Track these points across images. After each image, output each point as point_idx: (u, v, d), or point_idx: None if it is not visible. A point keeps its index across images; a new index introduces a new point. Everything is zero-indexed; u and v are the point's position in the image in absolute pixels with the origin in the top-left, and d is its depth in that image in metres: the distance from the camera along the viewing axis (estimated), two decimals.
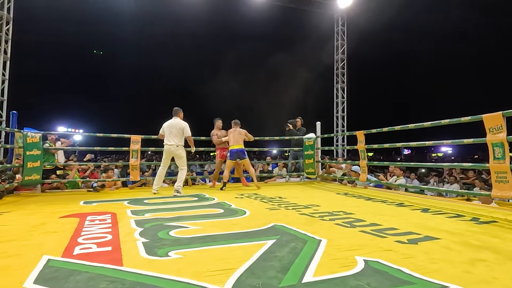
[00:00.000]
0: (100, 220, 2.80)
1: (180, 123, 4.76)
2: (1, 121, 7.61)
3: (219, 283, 1.37)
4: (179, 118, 4.82)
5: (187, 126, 4.78)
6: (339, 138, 10.72)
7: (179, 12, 14.10)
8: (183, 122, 4.79)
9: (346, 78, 11.00)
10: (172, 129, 4.72)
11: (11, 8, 7.74)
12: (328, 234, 2.23)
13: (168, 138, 4.71)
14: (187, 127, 4.78)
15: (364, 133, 5.07)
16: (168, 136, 4.71)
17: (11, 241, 2.13)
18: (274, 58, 21.76)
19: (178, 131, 4.71)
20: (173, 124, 4.75)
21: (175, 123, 4.76)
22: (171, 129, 4.72)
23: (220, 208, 3.42)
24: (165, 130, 4.75)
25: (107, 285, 1.37)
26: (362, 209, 3.32)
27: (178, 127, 4.72)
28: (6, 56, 7.69)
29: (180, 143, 4.74)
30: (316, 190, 5.42)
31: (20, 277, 1.46)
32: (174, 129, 4.72)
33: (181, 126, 4.73)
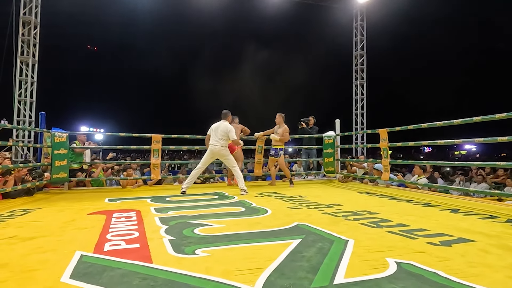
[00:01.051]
0: (126, 218, 2.86)
1: (227, 126, 4.76)
2: (31, 122, 7.98)
3: (249, 283, 1.36)
4: (227, 121, 4.86)
5: (232, 131, 4.77)
6: (359, 136, 10.49)
7: (197, 11, 14.24)
8: (229, 126, 4.79)
9: (365, 74, 10.75)
10: (218, 131, 4.76)
11: (38, 13, 8.09)
12: (354, 234, 2.18)
13: (213, 140, 4.76)
14: (232, 132, 4.76)
15: (388, 131, 4.92)
16: (213, 138, 4.77)
17: (45, 236, 2.22)
18: (291, 56, 21.61)
19: (223, 134, 4.73)
20: (219, 127, 4.79)
21: (222, 125, 4.79)
22: (216, 131, 4.78)
23: (241, 207, 3.42)
24: (212, 132, 4.85)
25: (139, 282, 1.39)
26: (387, 209, 3.23)
27: (224, 130, 4.73)
28: (34, 59, 8.05)
29: (225, 145, 4.77)
30: (337, 189, 5.32)
31: (57, 272, 1.52)
32: (219, 131, 4.75)
33: (226, 130, 4.73)
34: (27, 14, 7.88)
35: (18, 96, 7.80)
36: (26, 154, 7.79)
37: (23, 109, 7.88)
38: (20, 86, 7.87)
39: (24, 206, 3.62)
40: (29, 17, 7.88)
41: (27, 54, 7.92)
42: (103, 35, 18.91)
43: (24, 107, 7.89)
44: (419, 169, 5.18)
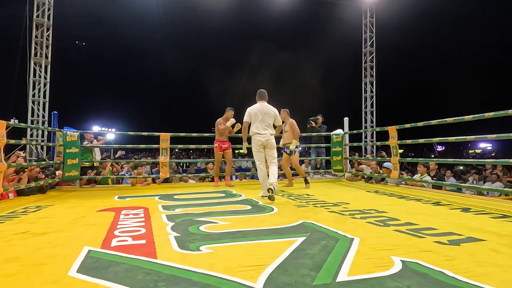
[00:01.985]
0: (134, 215, 2.91)
1: (272, 108, 3.96)
2: (44, 121, 8.19)
3: (251, 279, 1.36)
4: (266, 102, 4.02)
5: (278, 113, 4.04)
6: (368, 134, 10.35)
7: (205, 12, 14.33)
8: (274, 108, 4.01)
9: (375, 71, 10.59)
10: (265, 116, 3.85)
11: (51, 15, 8.29)
12: (360, 232, 2.15)
13: (259, 127, 3.84)
14: (279, 115, 4.04)
15: (397, 128, 4.83)
16: (259, 125, 3.84)
17: (56, 232, 2.28)
18: (299, 54, 21.49)
19: (271, 118, 3.91)
20: (264, 110, 3.88)
21: (267, 108, 3.91)
22: (263, 115, 3.85)
23: (248, 205, 3.43)
24: (254, 117, 3.89)
25: (143, 276, 1.41)
26: (395, 208, 3.18)
27: (271, 113, 3.91)
28: (47, 61, 8.25)
29: (273, 132, 3.95)
30: (345, 187, 5.27)
31: (64, 266, 1.55)
32: (266, 116, 3.87)
33: (273, 113, 3.93)
34: (40, 16, 8.09)
35: (32, 97, 8.03)
36: (40, 152, 8.00)
37: (37, 109, 8.10)
38: (33, 86, 8.09)
39: (37, 203, 3.72)
40: (42, 19, 8.08)
41: (40, 55, 8.13)
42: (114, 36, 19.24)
43: (38, 107, 8.11)
44: (423, 168, 5.08)
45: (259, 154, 3.93)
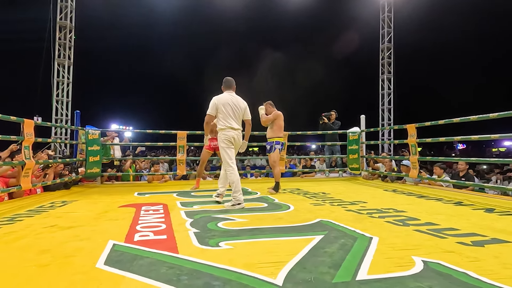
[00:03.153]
0: (154, 211, 3.00)
1: (242, 100, 3.43)
2: (67, 120, 8.53)
3: (271, 275, 1.39)
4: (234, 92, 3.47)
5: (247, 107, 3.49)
6: (385, 132, 10.14)
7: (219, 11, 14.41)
8: (240, 99, 3.45)
9: (392, 68, 10.34)
10: (236, 108, 3.32)
11: (73, 17, 8.59)
12: (379, 232, 2.13)
13: (230, 120, 3.28)
14: (248, 108, 3.48)
15: (417, 126, 4.71)
16: (229, 118, 3.28)
17: (81, 226, 2.38)
18: (314, 50, 21.22)
19: (240, 111, 3.37)
20: (234, 101, 3.33)
21: (236, 100, 3.37)
22: (233, 107, 3.30)
23: (264, 202, 3.45)
24: (224, 108, 3.28)
25: (166, 270, 1.46)
26: (414, 207, 3.12)
27: (242, 105, 3.38)
28: (69, 61, 8.57)
29: (241, 128, 3.44)
30: (361, 186, 5.20)
31: (92, 258, 1.63)
32: (238, 109, 3.33)
33: (244, 105, 3.42)
34: (63, 19, 8.39)
35: (56, 96, 8.36)
36: (63, 150, 8.34)
37: (60, 108, 8.44)
38: (57, 86, 8.42)
39: (63, 198, 3.89)
40: (64, 21, 8.40)
41: (63, 56, 8.45)
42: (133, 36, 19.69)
43: (61, 106, 8.45)
44: (439, 170, 4.90)
45: (230, 151, 3.32)
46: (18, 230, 2.26)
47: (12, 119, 3.60)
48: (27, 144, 3.74)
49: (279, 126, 4.38)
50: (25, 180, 3.69)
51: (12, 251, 1.78)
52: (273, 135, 4.41)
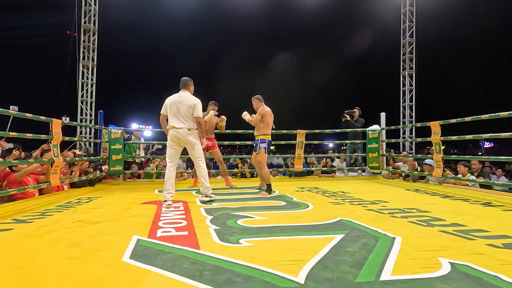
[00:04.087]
0: (175, 208, 3.07)
1: (191, 98, 3.43)
2: (91, 120, 8.87)
3: (292, 273, 1.39)
4: (188, 92, 3.51)
5: (199, 103, 3.44)
6: (407, 130, 9.83)
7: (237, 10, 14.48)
8: (195, 98, 3.46)
9: (414, 64, 9.99)
10: (181, 107, 3.36)
11: (96, 20, 8.91)
12: (402, 232, 2.08)
13: (175, 120, 3.38)
14: (199, 104, 3.43)
15: (441, 123, 4.54)
16: (174, 117, 3.39)
17: (107, 221, 2.48)
18: (331, 46, 20.87)
19: (188, 109, 3.38)
20: (181, 100, 3.39)
21: (184, 98, 3.40)
22: (178, 106, 3.37)
23: (282, 201, 3.45)
24: (169, 108, 3.41)
25: (189, 265, 1.49)
26: (439, 207, 3.01)
27: (188, 104, 3.38)
28: (93, 63, 8.91)
29: (192, 126, 3.43)
30: (382, 185, 5.08)
31: (118, 252, 1.69)
32: (183, 107, 3.36)
33: (191, 103, 3.39)
34: (87, 22, 8.72)
35: (80, 97, 8.71)
36: (88, 148, 8.68)
37: (85, 108, 8.79)
38: (82, 87, 8.77)
39: (88, 194, 4.06)
40: (88, 25, 8.73)
41: (87, 58, 8.79)
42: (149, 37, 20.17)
43: (86, 107, 8.80)
44: (463, 168, 4.67)
45: (170, 150, 3.42)
46: (49, 224, 2.38)
47: (42, 119, 3.79)
48: (56, 143, 3.92)
49: (266, 123, 4.09)
50: (54, 177, 3.87)
51: (44, 244, 1.88)
52: (258, 133, 4.14)
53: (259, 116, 4.11)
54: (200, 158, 3.50)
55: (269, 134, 4.14)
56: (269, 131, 4.14)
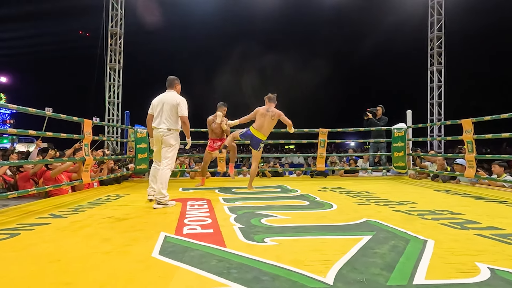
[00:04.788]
0: (199, 205, 3.12)
1: (175, 97, 3.33)
2: (118, 120, 9.23)
3: (320, 274, 1.37)
4: (174, 91, 3.42)
5: (184, 102, 3.34)
6: (435, 128, 9.40)
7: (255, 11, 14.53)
8: (179, 97, 3.37)
9: (443, 59, 9.53)
10: (165, 106, 3.29)
11: (123, 24, 9.25)
12: (434, 234, 1.99)
13: (158, 120, 3.31)
14: (183, 103, 3.33)
15: (473, 121, 4.30)
16: (157, 117, 3.31)
17: (135, 218, 2.57)
18: (354, 41, 20.37)
19: (172, 108, 3.28)
20: (165, 99, 3.32)
21: (168, 97, 3.33)
22: (163, 105, 3.29)
23: (305, 200, 3.41)
24: (155, 108, 3.35)
25: (216, 263, 1.51)
26: (472, 209, 2.85)
27: (172, 103, 3.29)
28: (119, 65, 9.26)
29: (173, 127, 3.30)
30: (408, 185, 4.90)
31: (147, 248, 1.75)
32: (167, 106, 3.29)
33: (175, 102, 3.29)
34: (114, 26, 9.07)
35: (108, 98, 9.09)
36: (115, 148, 9.04)
37: (112, 109, 9.16)
38: (109, 89, 9.14)
39: (116, 192, 4.22)
40: (115, 28, 9.08)
41: (114, 61, 9.15)
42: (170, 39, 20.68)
43: (113, 107, 9.16)
44: (499, 168, 4.38)
45: (155, 150, 3.45)
46: (82, 220, 2.50)
47: (74, 119, 3.99)
48: (87, 142, 4.12)
49: (256, 122, 4.31)
50: (85, 174, 4.07)
51: (79, 239, 1.97)
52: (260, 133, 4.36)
53: (251, 114, 4.38)
54: (168, 160, 3.26)
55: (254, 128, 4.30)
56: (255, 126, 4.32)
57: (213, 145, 4.98)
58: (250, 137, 4.32)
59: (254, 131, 4.28)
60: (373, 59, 20.47)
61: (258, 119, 4.30)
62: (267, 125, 4.27)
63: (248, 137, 4.34)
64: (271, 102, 4.35)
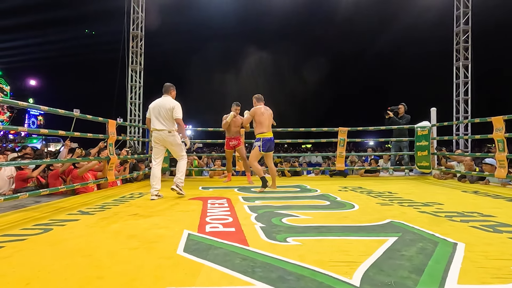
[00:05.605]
0: (219, 204, 3.16)
1: (170, 102, 3.71)
2: (139, 120, 9.50)
3: (345, 275, 1.35)
4: (170, 96, 3.79)
5: (178, 106, 3.70)
6: (461, 126, 9.00)
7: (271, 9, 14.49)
8: (174, 101, 3.74)
9: (470, 53, 9.10)
10: (161, 110, 3.65)
11: (143, 27, 9.50)
12: (464, 237, 1.90)
13: (156, 123, 3.68)
14: (178, 107, 3.69)
15: (505, 118, 4.08)
16: (155, 120, 3.68)
17: (158, 215, 2.63)
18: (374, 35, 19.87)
19: (167, 112, 3.65)
20: (161, 104, 3.69)
21: (164, 102, 3.70)
22: (159, 110, 3.66)
23: (326, 200, 3.37)
24: (152, 111, 3.71)
25: (240, 261, 1.52)
26: (505, 212, 2.71)
27: (167, 107, 3.66)
28: (140, 67, 9.52)
29: (172, 128, 3.70)
30: (433, 186, 4.72)
31: (172, 245, 1.79)
32: (163, 110, 3.65)
33: (170, 106, 3.66)
34: (135, 29, 9.34)
35: (130, 99, 9.37)
36: (136, 147, 9.31)
37: (134, 110, 9.43)
38: (131, 90, 9.42)
39: (139, 190, 4.35)
40: (136, 31, 9.34)
41: (135, 63, 9.41)
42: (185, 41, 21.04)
43: (135, 108, 9.43)
44: None
45: (155, 149, 3.79)
46: (109, 217, 2.59)
47: (99, 119, 4.14)
48: (111, 142, 4.26)
49: (258, 122, 4.26)
50: (110, 173, 4.22)
51: (107, 235, 2.05)
52: (255, 132, 4.33)
53: (249, 116, 4.36)
54: (181, 156, 3.82)
55: (264, 132, 4.24)
56: (263, 129, 4.24)
57: (229, 144, 5.24)
58: (269, 141, 4.27)
59: (267, 134, 4.26)
60: (395, 55, 19.90)
61: (261, 118, 4.25)
62: (269, 121, 4.34)
63: (267, 143, 4.26)
64: (260, 102, 4.37)
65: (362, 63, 21.95)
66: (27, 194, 2.95)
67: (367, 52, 21.53)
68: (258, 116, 4.26)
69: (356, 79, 22.36)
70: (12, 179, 4.31)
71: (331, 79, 21.71)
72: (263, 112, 4.29)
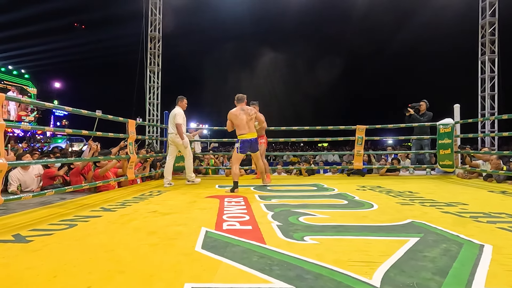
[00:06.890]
0: (236, 202, 3.18)
1: (175, 111, 4.73)
2: (157, 120, 9.72)
3: (365, 275, 1.32)
4: (178, 106, 4.81)
5: (178, 114, 4.66)
6: (486, 124, 8.60)
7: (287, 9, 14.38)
8: (177, 110, 4.72)
9: (497, 47, 8.66)
10: (170, 117, 4.76)
11: (161, 28, 9.70)
12: (492, 239, 1.82)
13: (169, 127, 4.82)
14: (178, 115, 4.64)
15: None
16: (169, 125, 4.83)
17: (177, 213, 2.68)
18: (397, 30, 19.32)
19: (172, 119, 4.69)
20: (171, 113, 4.80)
21: (173, 111, 4.78)
22: (170, 117, 4.81)
23: (343, 199, 3.31)
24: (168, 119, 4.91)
25: (258, 259, 1.53)
26: None
27: (173, 115, 4.71)
28: (158, 68, 9.72)
29: (176, 131, 4.69)
30: (457, 186, 4.54)
31: (190, 242, 1.82)
32: (171, 117, 4.73)
33: (174, 114, 4.69)
34: (153, 31, 9.55)
35: (148, 99, 9.60)
36: (155, 146, 9.53)
37: (152, 110, 9.66)
38: (149, 91, 9.65)
39: (158, 188, 4.45)
40: (154, 33, 9.54)
41: (153, 64, 9.63)
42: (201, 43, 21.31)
43: (153, 108, 9.66)
44: None
45: (169, 148, 4.93)
46: (129, 213, 2.67)
47: (120, 119, 4.27)
48: (131, 141, 4.39)
49: (235, 125, 4.22)
50: (130, 171, 4.34)
51: (128, 231, 2.11)
52: (236, 134, 4.27)
53: (228, 121, 4.29)
54: (188, 153, 4.84)
55: (243, 134, 4.17)
56: (241, 131, 4.17)
57: None
58: (248, 143, 4.18)
59: (247, 135, 4.17)
60: (414, 52, 19.29)
61: (236, 121, 4.19)
62: (248, 122, 4.20)
63: (247, 145, 4.18)
64: (240, 102, 4.31)
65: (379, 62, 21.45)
66: (53, 191, 3.09)
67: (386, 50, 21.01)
68: (234, 119, 4.22)
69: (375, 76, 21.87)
70: (40, 178, 4.53)
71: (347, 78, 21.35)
72: (238, 114, 4.21)
